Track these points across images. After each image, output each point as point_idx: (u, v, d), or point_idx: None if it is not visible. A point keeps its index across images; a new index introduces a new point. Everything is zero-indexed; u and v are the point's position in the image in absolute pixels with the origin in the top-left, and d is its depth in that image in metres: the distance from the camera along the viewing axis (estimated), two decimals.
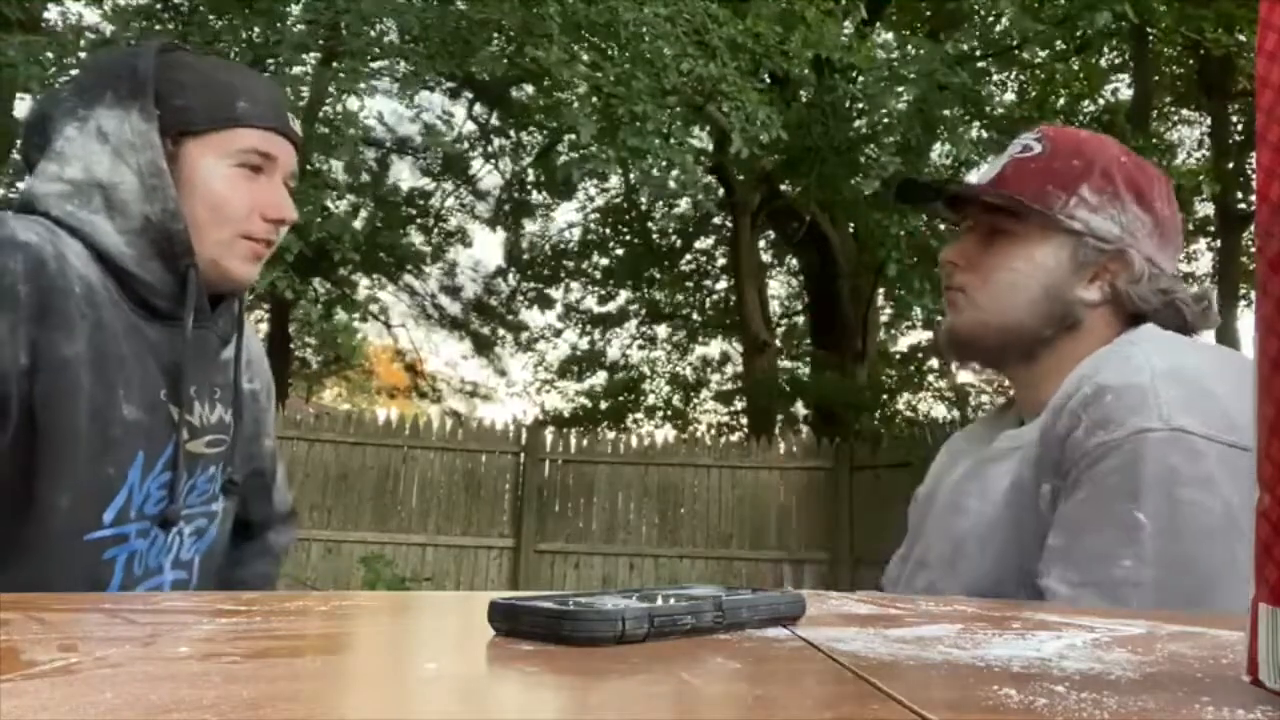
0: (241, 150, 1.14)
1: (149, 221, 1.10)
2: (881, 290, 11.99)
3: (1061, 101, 11.16)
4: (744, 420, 13.91)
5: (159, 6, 8.96)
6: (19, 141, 1.18)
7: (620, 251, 15.82)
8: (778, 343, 14.29)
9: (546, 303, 16.32)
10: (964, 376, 11.33)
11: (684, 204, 14.01)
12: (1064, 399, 1.05)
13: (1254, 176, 0.40)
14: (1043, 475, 1.05)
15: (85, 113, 1.12)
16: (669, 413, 16.57)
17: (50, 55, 7.08)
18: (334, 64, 8.20)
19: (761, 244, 14.28)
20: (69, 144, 1.11)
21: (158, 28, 8.51)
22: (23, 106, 9.29)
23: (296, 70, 8.31)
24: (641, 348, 16.74)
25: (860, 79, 9.03)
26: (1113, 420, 1.00)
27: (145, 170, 1.10)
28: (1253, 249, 0.40)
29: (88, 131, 1.11)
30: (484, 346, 16.93)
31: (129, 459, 1.07)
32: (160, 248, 1.10)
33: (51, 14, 9.90)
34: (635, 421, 16.24)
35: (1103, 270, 1.15)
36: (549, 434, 9.58)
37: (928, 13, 12.30)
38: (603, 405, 16.38)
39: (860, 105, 9.63)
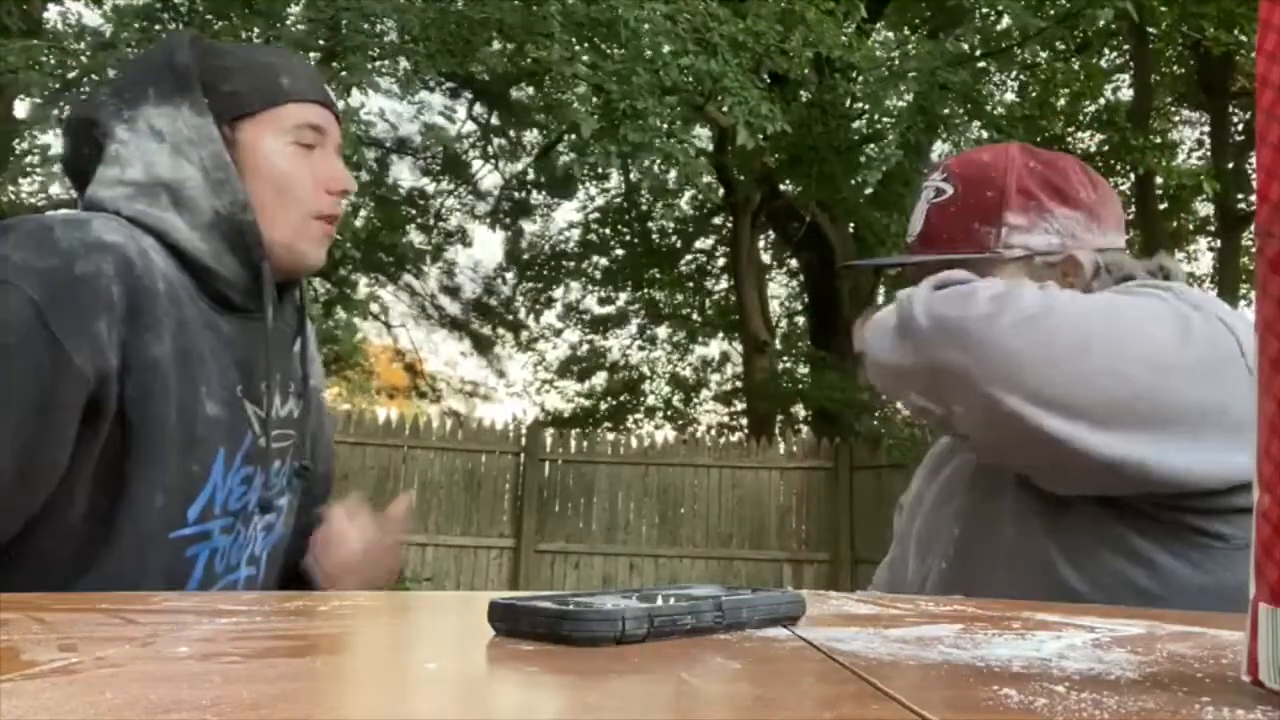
0: (296, 126, 1.14)
1: (219, 215, 1.09)
2: (882, 290, 11.98)
3: (1062, 102, 11.14)
4: (744, 420, 13.89)
5: (159, 6, 8.94)
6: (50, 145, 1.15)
7: (620, 252, 15.80)
8: (778, 343, 14.28)
9: (547, 304, 16.31)
10: None
11: (684, 204, 13.99)
12: None
13: (1254, 176, 0.40)
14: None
15: (131, 114, 1.10)
16: (669, 413, 16.55)
17: (51, 60, 7.07)
18: (334, 64, 8.19)
19: (761, 244, 14.26)
20: (124, 147, 1.09)
21: (157, 28, 8.50)
22: (22, 108, 9.29)
23: None
24: (641, 348, 16.73)
25: (860, 78, 9.02)
26: None
27: (209, 165, 1.08)
28: (1253, 249, 0.40)
29: (139, 131, 1.10)
30: (484, 346, 16.91)
31: (211, 456, 1.06)
32: (232, 241, 1.09)
33: (51, 14, 9.90)
34: (635, 422, 16.24)
35: (1059, 279, 1.17)
36: (549, 434, 9.57)
37: (927, 12, 12.29)
38: (603, 406, 16.37)
39: (860, 105, 9.62)
